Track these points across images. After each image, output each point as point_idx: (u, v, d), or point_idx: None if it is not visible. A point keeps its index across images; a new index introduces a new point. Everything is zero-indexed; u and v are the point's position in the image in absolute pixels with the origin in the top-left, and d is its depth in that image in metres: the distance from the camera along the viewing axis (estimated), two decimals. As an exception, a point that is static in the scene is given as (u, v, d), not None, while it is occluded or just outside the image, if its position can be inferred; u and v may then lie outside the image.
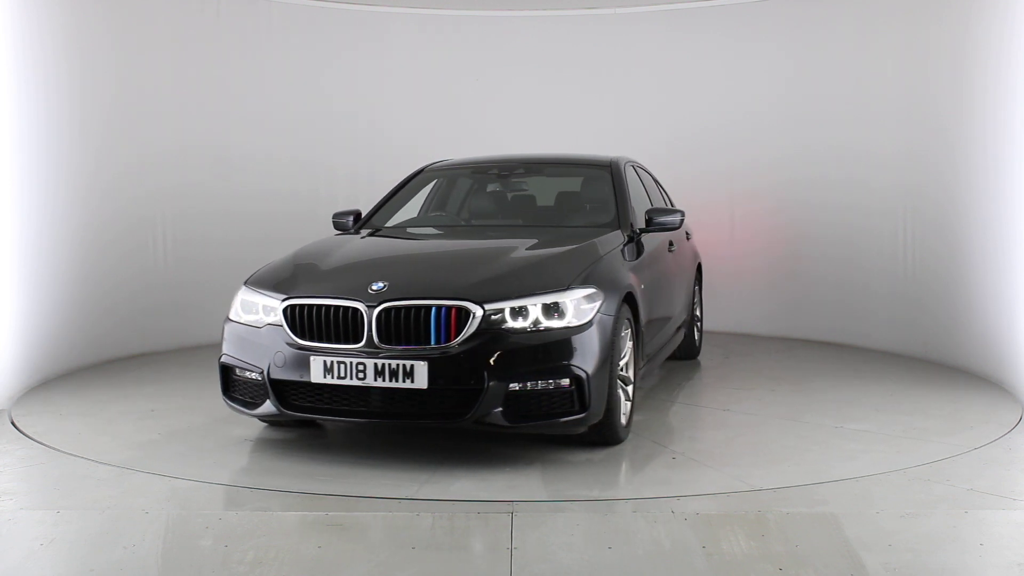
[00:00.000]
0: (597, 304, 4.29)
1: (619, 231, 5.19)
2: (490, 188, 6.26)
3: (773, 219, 8.12)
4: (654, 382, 6.22)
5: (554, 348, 4.13)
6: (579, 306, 4.24)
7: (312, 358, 4.18)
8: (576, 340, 4.16)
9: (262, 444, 4.68)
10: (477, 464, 4.30)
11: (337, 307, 4.22)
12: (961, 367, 6.54)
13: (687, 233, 6.79)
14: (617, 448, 4.54)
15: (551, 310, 4.19)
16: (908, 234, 7.16)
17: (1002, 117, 5.97)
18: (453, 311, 4.11)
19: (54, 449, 4.61)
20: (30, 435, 4.88)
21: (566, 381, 4.13)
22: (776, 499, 3.83)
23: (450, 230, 5.86)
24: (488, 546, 3.35)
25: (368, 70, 8.41)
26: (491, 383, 4.04)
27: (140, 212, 7.26)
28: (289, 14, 8.10)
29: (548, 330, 4.14)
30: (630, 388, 4.71)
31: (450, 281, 4.28)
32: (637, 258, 5.14)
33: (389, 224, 5.72)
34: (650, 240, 5.52)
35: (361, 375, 4.11)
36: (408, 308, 4.13)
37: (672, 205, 6.95)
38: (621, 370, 4.55)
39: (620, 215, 5.36)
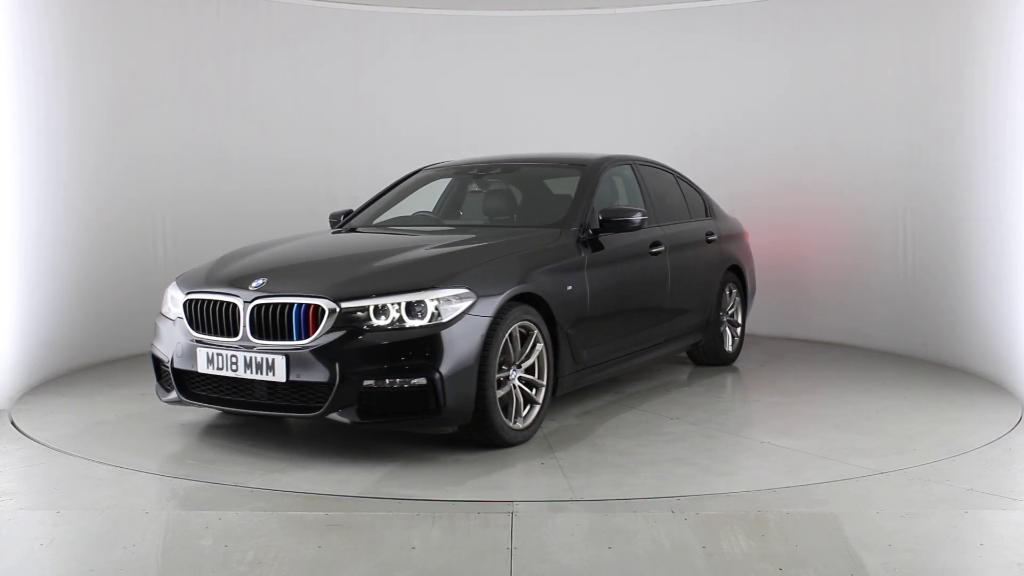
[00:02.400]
0: (466, 304, 4.30)
1: (560, 230, 5.17)
2: (471, 188, 6.32)
3: (773, 219, 8.12)
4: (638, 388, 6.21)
5: (410, 347, 4.18)
6: (441, 306, 4.26)
7: (198, 349, 4.49)
8: (434, 340, 4.20)
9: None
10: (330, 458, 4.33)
11: (221, 302, 4.49)
12: (961, 367, 6.54)
13: (710, 233, 6.58)
14: (501, 452, 4.49)
15: (414, 309, 4.24)
16: (908, 234, 7.16)
17: (1002, 117, 5.97)
18: (312, 308, 4.26)
19: (54, 449, 4.61)
20: (30, 435, 4.88)
21: (421, 380, 4.16)
22: (776, 499, 3.83)
23: (402, 229, 5.80)
24: (488, 546, 3.35)
25: (368, 70, 8.41)
26: (343, 379, 4.16)
27: (139, 212, 7.26)
28: (289, 14, 8.10)
29: (406, 329, 4.21)
30: (541, 392, 4.70)
31: (317, 279, 4.45)
32: (582, 259, 5.09)
33: (377, 222, 5.94)
34: (622, 240, 5.46)
35: (234, 367, 4.35)
36: (276, 305, 4.33)
37: (709, 205, 6.86)
38: (508, 372, 4.52)
39: (570, 215, 5.33)
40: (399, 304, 4.24)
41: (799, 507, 3.74)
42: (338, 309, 4.23)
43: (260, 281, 4.47)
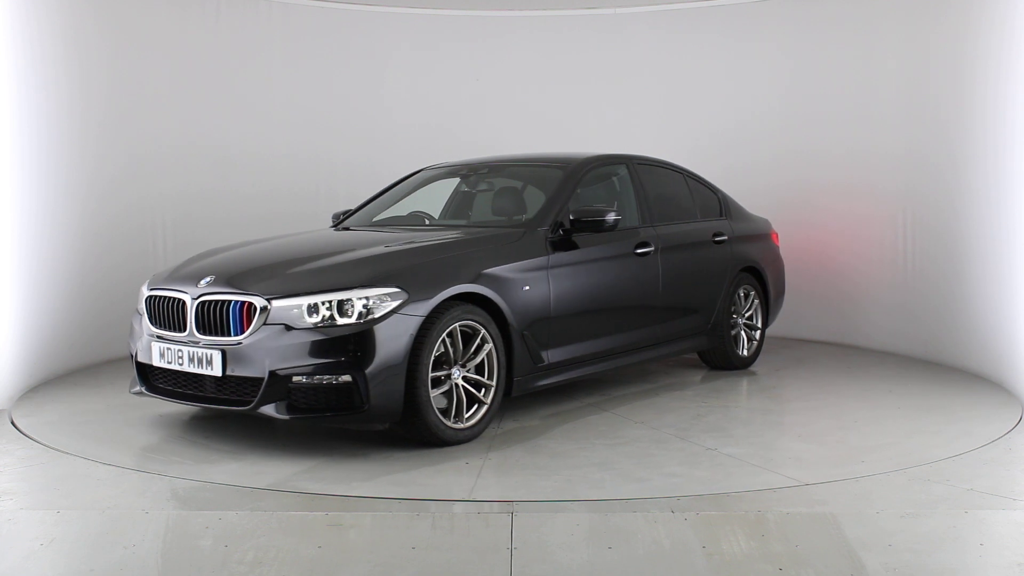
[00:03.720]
0: (395, 304, 4.36)
1: (525, 231, 5.16)
2: (461, 189, 6.34)
3: (772, 219, 8.11)
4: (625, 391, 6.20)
5: (336, 344, 4.27)
6: (369, 304, 4.33)
7: (153, 344, 4.71)
8: (359, 338, 4.27)
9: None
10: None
11: (173, 298, 4.69)
12: (961, 367, 6.54)
13: (718, 234, 6.45)
14: (437, 450, 4.51)
15: (344, 307, 4.32)
16: (909, 234, 7.16)
17: (1002, 117, 5.97)
18: (246, 305, 4.40)
19: (54, 449, 4.61)
20: (30, 435, 4.88)
21: (346, 377, 4.25)
22: (776, 499, 3.83)
23: (386, 228, 5.82)
24: (488, 546, 3.35)
25: (368, 70, 8.41)
26: (273, 375, 4.28)
27: (140, 212, 7.27)
28: (289, 14, 8.10)
29: (334, 327, 4.29)
30: (490, 392, 4.71)
31: (256, 278, 4.57)
32: (545, 259, 5.07)
33: (374, 220, 6.02)
34: (598, 240, 5.41)
35: (180, 361, 4.56)
36: (217, 302, 4.50)
37: (726, 205, 6.72)
38: (450, 371, 4.55)
39: (541, 215, 5.32)
40: (330, 302, 4.33)
41: (799, 507, 3.74)
42: (269, 307, 4.35)
43: (208, 279, 4.63)
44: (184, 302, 4.61)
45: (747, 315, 6.73)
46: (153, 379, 4.81)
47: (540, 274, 5.04)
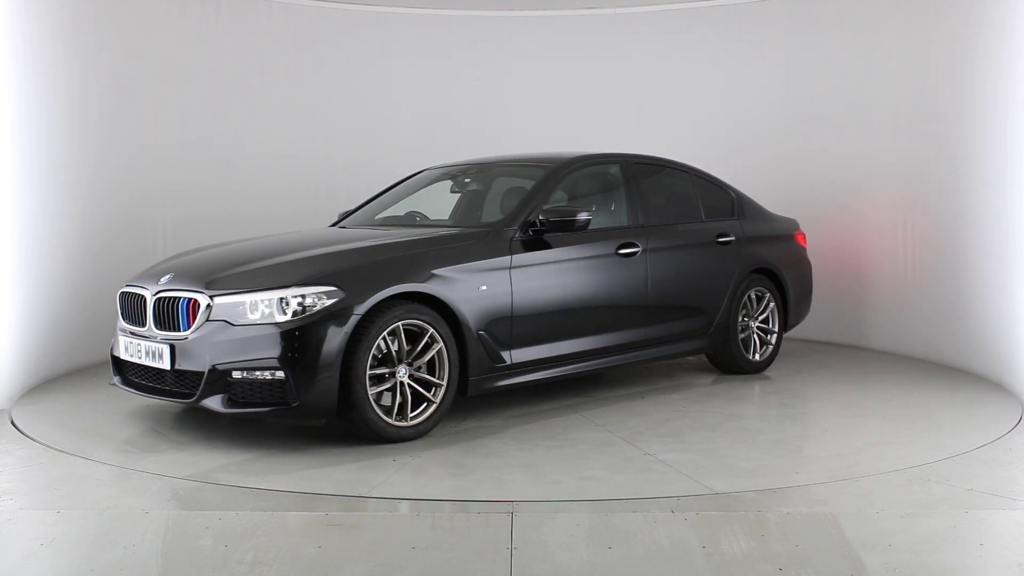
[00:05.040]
0: (330, 302, 4.46)
1: (489, 231, 5.18)
2: (452, 189, 6.36)
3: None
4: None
5: (270, 341, 4.41)
6: (305, 303, 4.44)
7: (120, 338, 4.98)
8: (292, 335, 4.39)
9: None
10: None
11: (137, 295, 4.92)
12: (961, 367, 6.54)
13: (723, 235, 6.28)
14: (377, 447, 4.56)
15: (280, 305, 4.44)
16: (908, 233, 7.16)
17: (1003, 118, 5.97)
18: (192, 302, 4.59)
19: (54, 449, 4.61)
20: (30, 435, 4.88)
21: (279, 373, 4.38)
22: (776, 499, 3.83)
23: (370, 227, 5.87)
24: (488, 546, 3.35)
25: (368, 70, 8.41)
26: (213, 369, 4.45)
27: (139, 212, 7.26)
28: (289, 14, 8.10)
29: (270, 324, 4.43)
30: (440, 391, 4.74)
31: (205, 275, 4.73)
32: (507, 259, 5.07)
33: (371, 220, 6.10)
34: (574, 240, 5.38)
35: (140, 354, 4.78)
36: (170, 298, 4.70)
37: (740, 205, 6.58)
38: (395, 369, 4.59)
39: (513, 215, 5.32)
40: (270, 300, 4.46)
41: (799, 507, 3.74)
42: (212, 303, 4.53)
43: (167, 277, 4.83)
44: (145, 298, 4.83)
45: (761, 318, 6.55)
46: (126, 372, 5.00)
47: (501, 274, 5.05)
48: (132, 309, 4.95)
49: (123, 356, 4.93)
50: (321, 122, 8.24)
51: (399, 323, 4.60)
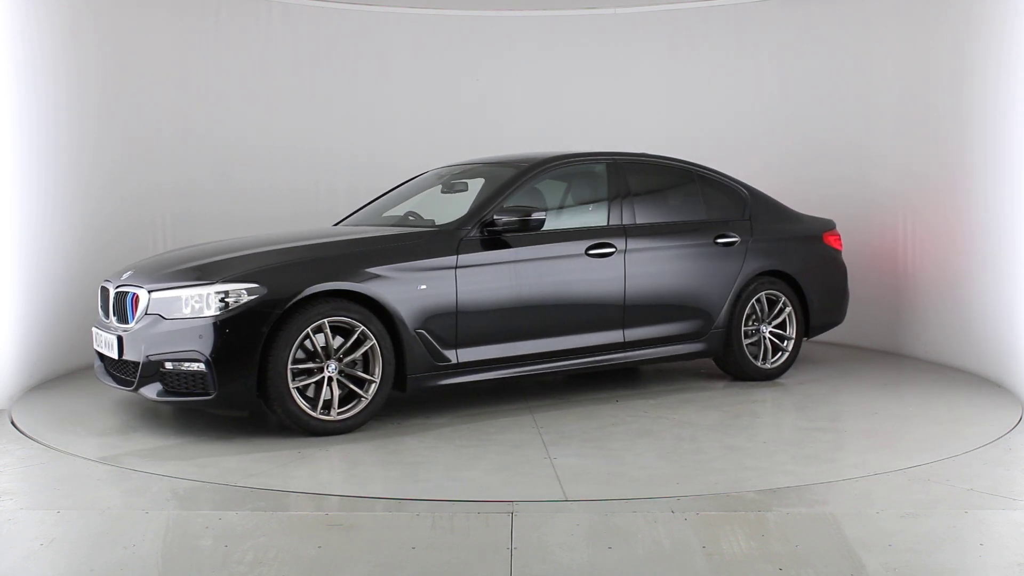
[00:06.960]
0: (252, 298, 4.65)
1: (438, 230, 5.25)
2: (441, 191, 6.34)
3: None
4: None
5: (192, 334, 4.65)
6: (227, 299, 4.66)
7: (94, 330, 5.29)
8: (211, 328, 4.62)
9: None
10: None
11: (104, 288, 5.26)
12: (961, 367, 6.54)
13: (721, 236, 6.07)
14: (301, 439, 4.71)
15: (205, 300, 4.67)
16: (908, 233, 7.16)
17: (1002, 118, 5.97)
18: (136, 297, 4.89)
19: (54, 449, 4.61)
20: (30, 435, 4.88)
21: (200, 366, 4.62)
22: (776, 499, 3.83)
23: (357, 226, 5.94)
24: (488, 546, 3.35)
25: (368, 70, 8.41)
26: (148, 360, 4.74)
27: (139, 211, 7.27)
28: (289, 13, 8.09)
29: (194, 318, 4.66)
30: (372, 387, 4.84)
31: (155, 272, 5.01)
32: (452, 259, 5.08)
33: (367, 219, 6.19)
34: (535, 240, 5.34)
35: (102, 345, 5.10)
36: (123, 293, 4.99)
37: (751, 205, 6.35)
38: (324, 364, 4.73)
39: (470, 214, 5.34)
40: (199, 296, 4.69)
41: (799, 507, 3.74)
42: (149, 298, 4.80)
43: (128, 273, 5.14)
44: (109, 292, 5.15)
45: (775, 323, 6.27)
46: (106, 364, 5.20)
47: (445, 273, 5.08)
48: (103, 303, 5.27)
49: (95, 346, 5.24)
50: (321, 121, 8.24)
51: (325, 320, 4.73)
